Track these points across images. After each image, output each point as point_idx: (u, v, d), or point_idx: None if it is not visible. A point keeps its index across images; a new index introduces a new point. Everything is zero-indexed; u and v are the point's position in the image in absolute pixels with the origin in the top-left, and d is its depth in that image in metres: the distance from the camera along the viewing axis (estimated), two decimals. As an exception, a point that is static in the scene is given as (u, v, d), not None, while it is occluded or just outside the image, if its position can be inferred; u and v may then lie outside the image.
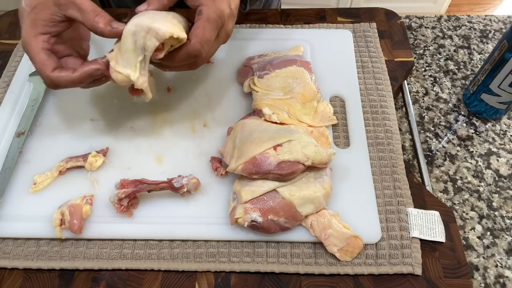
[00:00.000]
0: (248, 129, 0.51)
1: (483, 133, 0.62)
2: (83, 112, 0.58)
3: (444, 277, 0.46)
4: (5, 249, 0.49)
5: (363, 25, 0.68)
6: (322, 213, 0.48)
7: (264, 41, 0.65)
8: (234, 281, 0.47)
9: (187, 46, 0.45)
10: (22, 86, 0.61)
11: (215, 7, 0.45)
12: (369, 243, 0.48)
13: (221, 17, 0.45)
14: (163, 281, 0.47)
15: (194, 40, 0.45)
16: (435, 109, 0.65)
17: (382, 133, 0.56)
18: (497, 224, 0.54)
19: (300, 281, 0.47)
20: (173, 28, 0.43)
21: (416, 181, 0.53)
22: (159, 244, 0.49)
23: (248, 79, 0.58)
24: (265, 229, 0.47)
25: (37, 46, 0.45)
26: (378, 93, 0.60)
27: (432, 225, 0.49)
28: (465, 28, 0.74)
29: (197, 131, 0.56)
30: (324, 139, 0.54)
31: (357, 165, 0.53)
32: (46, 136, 0.56)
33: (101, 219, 0.49)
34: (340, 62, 0.63)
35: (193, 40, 0.45)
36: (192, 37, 0.45)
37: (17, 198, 0.51)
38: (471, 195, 0.57)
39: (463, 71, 0.69)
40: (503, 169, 0.59)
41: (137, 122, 0.57)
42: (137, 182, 0.48)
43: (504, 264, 0.51)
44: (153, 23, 0.43)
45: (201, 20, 0.45)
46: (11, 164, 0.52)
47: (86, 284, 0.47)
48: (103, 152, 0.54)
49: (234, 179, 0.50)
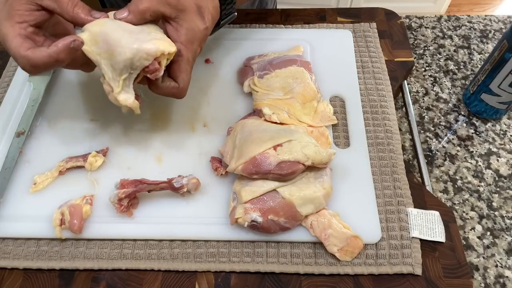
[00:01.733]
0: (248, 129, 0.51)
1: (483, 133, 0.62)
2: (83, 112, 0.58)
3: (444, 277, 0.46)
4: (5, 249, 0.49)
5: (363, 25, 0.68)
6: (322, 213, 0.48)
7: (264, 41, 0.65)
8: (234, 281, 0.47)
9: (174, 88, 0.48)
10: (22, 86, 0.61)
11: (192, 49, 0.48)
12: (369, 243, 0.48)
13: (195, 58, 0.49)
14: (163, 281, 0.47)
15: (182, 84, 0.48)
16: (435, 109, 0.65)
17: (382, 133, 0.56)
18: (497, 224, 0.54)
19: (300, 281, 0.47)
20: (162, 45, 0.43)
21: (416, 181, 0.53)
22: (159, 244, 0.49)
23: (248, 79, 0.58)
24: (265, 229, 0.47)
25: (13, 32, 0.43)
26: (378, 93, 0.60)
27: (432, 225, 0.49)
28: (465, 28, 0.74)
29: (197, 131, 0.56)
30: (324, 139, 0.54)
31: (357, 165, 0.53)
32: (46, 136, 0.56)
33: (101, 219, 0.49)
34: (340, 62, 0.63)
35: (181, 85, 0.48)
36: (180, 82, 0.48)
37: (17, 198, 0.51)
38: (471, 195, 0.57)
39: (463, 71, 0.69)
40: (503, 169, 0.59)
41: (137, 122, 0.57)
42: (137, 182, 0.48)
43: (504, 264, 0.51)
44: (141, 44, 0.43)
45: (183, 62, 0.47)
46: (11, 164, 0.52)
47: (86, 284, 0.47)
48: (103, 152, 0.54)
49: (234, 179, 0.50)
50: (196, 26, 0.47)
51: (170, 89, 0.48)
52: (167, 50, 0.44)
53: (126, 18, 0.45)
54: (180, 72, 0.47)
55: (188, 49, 0.47)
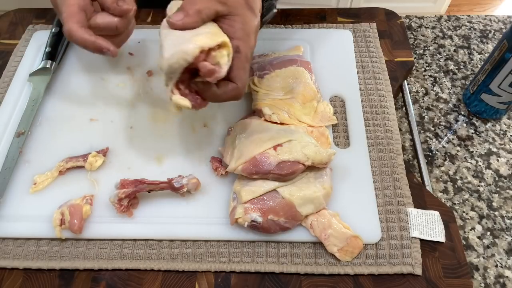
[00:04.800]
0: (248, 129, 0.51)
1: (483, 133, 0.62)
2: (83, 112, 0.58)
3: (444, 277, 0.46)
4: (5, 249, 0.49)
5: (363, 25, 0.68)
6: (322, 213, 0.48)
7: (264, 41, 0.65)
8: (234, 281, 0.47)
9: (233, 90, 0.44)
10: (22, 86, 0.61)
11: (250, 44, 0.45)
12: (369, 243, 0.48)
13: (252, 53, 0.46)
14: (163, 281, 0.47)
15: (240, 84, 0.44)
16: (435, 109, 0.65)
17: (382, 133, 0.56)
18: (497, 224, 0.54)
19: (300, 281, 0.47)
20: (200, 41, 0.40)
21: (416, 181, 0.53)
22: (159, 244, 0.49)
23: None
24: (265, 229, 0.47)
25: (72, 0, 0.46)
26: (378, 93, 0.60)
27: (432, 225, 0.49)
28: (465, 28, 0.74)
29: (197, 131, 0.56)
30: (324, 139, 0.54)
31: (357, 165, 0.53)
32: (46, 136, 0.56)
33: (101, 219, 0.49)
34: (340, 62, 0.63)
35: (239, 84, 0.44)
36: (238, 81, 0.44)
37: (17, 198, 0.51)
38: (471, 195, 0.57)
39: (463, 71, 0.69)
40: (503, 169, 0.59)
41: (137, 122, 0.57)
42: (137, 182, 0.48)
43: (504, 264, 0.51)
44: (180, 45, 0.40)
45: (241, 60, 0.44)
46: (11, 164, 0.52)
47: (86, 284, 0.47)
48: (103, 152, 0.54)
49: (234, 179, 0.50)
50: (250, 20, 0.45)
51: (229, 92, 0.44)
52: (207, 45, 0.40)
53: (182, 20, 0.42)
54: (238, 70, 0.44)
55: (246, 44, 0.44)
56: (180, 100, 0.43)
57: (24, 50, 0.65)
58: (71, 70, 0.63)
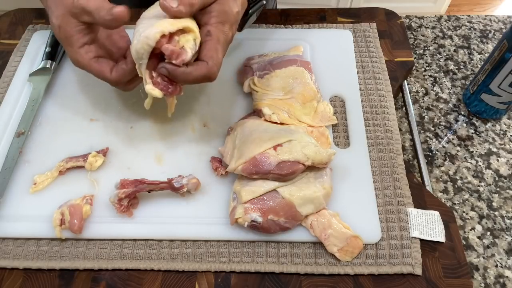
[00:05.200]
0: (248, 129, 0.51)
1: (483, 133, 0.62)
2: (83, 112, 0.58)
3: (444, 277, 0.46)
4: (5, 249, 0.48)
5: (363, 25, 0.68)
6: (322, 213, 0.48)
7: (264, 41, 0.65)
8: (234, 281, 0.47)
9: (203, 68, 0.44)
10: (22, 86, 0.61)
11: (224, 29, 0.46)
12: (369, 243, 0.48)
13: (228, 41, 0.47)
14: (163, 281, 0.47)
15: (210, 62, 0.44)
16: (435, 109, 0.65)
17: (382, 133, 0.56)
18: (497, 224, 0.54)
19: (300, 281, 0.47)
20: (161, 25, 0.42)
21: (416, 181, 0.53)
22: (159, 244, 0.49)
23: (248, 79, 0.58)
24: (265, 229, 0.47)
25: (83, 59, 0.47)
26: (378, 93, 0.60)
27: (432, 225, 0.49)
28: (465, 28, 0.74)
29: (197, 131, 0.56)
30: (324, 139, 0.54)
31: (357, 165, 0.53)
32: (46, 136, 0.56)
33: (101, 219, 0.49)
34: (340, 62, 0.63)
35: (210, 63, 0.44)
36: (208, 60, 0.44)
37: (17, 198, 0.51)
38: (471, 195, 0.57)
39: (463, 71, 0.69)
40: (503, 169, 0.59)
41: (137, 122, 0.57)
42: (137, 182, 0.48)
43: (504, 264, 0.51)
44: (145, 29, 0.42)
45: (212, 41, 0.45)
46: (11, 164, 0.52)
47: (86, 284, 0.47)
48: (103, 152, 0.54)
49: (234, 179, 0.50)
50: (229, 8, 0.46)
51: (199, 69, 0.44)
52: (167, 29, 0.42)
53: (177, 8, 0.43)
54: (209, 50, 0.45)
55: (218, 29, 0.45)
56: (151, 90, 0.45)
57: (24, 50, 0.65)
58: (71, 70, 0.63)
